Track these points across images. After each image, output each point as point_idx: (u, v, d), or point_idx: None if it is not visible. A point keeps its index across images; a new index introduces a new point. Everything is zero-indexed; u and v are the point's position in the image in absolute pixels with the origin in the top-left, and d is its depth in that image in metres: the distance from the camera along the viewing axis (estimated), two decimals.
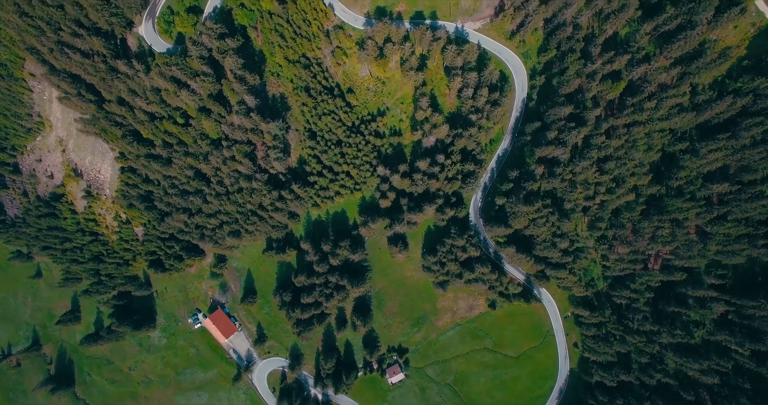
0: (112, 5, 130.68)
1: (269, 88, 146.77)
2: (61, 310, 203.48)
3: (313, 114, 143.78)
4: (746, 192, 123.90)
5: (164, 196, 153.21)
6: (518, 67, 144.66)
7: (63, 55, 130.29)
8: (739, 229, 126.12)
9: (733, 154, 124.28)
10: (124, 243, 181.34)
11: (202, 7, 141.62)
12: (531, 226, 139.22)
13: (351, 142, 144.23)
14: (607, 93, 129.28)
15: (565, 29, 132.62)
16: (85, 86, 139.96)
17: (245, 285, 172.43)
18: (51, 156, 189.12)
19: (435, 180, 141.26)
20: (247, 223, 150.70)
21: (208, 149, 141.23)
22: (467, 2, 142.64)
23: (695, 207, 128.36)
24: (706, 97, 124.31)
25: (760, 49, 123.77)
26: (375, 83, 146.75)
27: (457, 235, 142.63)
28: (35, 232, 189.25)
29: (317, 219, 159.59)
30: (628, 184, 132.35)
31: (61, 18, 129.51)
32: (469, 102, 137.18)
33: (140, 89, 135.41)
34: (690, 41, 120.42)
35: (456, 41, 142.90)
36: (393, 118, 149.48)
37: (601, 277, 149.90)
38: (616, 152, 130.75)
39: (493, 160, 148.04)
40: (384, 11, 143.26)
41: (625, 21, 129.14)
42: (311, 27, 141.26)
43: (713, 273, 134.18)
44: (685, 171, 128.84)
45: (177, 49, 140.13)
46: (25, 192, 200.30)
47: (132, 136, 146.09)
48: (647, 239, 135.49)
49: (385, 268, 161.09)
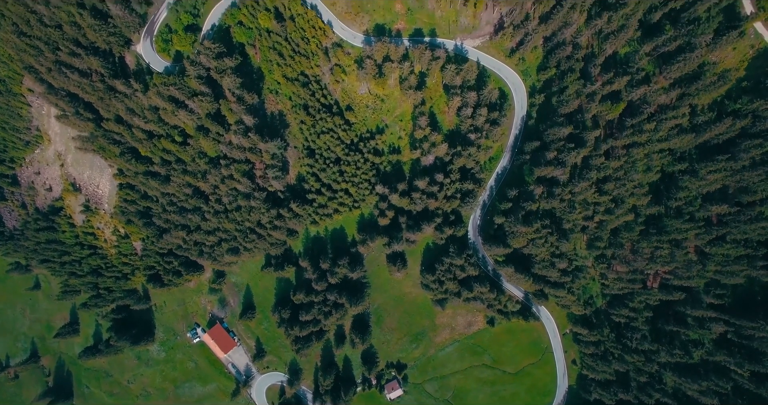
0: (110, 25, 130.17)
1: (268, 106, 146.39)
2: (59, 322, 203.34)
3: (312, 132, 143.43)
4: (745, 214, 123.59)
5: (163, 213, 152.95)
6: (518, 85, 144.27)
7: (61, 74, 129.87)
8: (738, 250, 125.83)
9: (733, 176, 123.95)
10: (123, 257, 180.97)
11: (200, 25, 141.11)
12: (530, 246, 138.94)
13: (350, 160, 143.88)
14: (606, 113, 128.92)
15: (565, 48, 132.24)
16: (83, 105, 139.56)
17: (244, 300, 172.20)
18: (49, 169, 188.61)
19: (434, 199, 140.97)
20: (245, 241, 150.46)
21: (207, 168, 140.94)
22: (466, 20, 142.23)
23: (694, 228, 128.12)
24: (706, 118, 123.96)
25: (759, 70, 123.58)
26: (374, 100, 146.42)
27: (456, 254, 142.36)
28: (33, 245, 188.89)
29: (316, 235, 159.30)
30: (627, 205, 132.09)
31: (59, 38, 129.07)
32: (468, 121, 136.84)
33: (138, 108, 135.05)
34: (689, 63, 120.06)
35: (455, 59, 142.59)
36: (392, 135, 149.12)
37: (600, 295, 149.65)
38: (615, 173, 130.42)
39: (492, 177, 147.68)
40: (383, 29, 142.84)
41: (624, 41, 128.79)
42: (310, 45, 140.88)
43: (712, 292, 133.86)
44: (685, 192, 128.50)
45: (175, 68, 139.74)
46: (24, 204, 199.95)
47: (130, 153, 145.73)
48: (646, 259, 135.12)
49: (384, 284, 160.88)
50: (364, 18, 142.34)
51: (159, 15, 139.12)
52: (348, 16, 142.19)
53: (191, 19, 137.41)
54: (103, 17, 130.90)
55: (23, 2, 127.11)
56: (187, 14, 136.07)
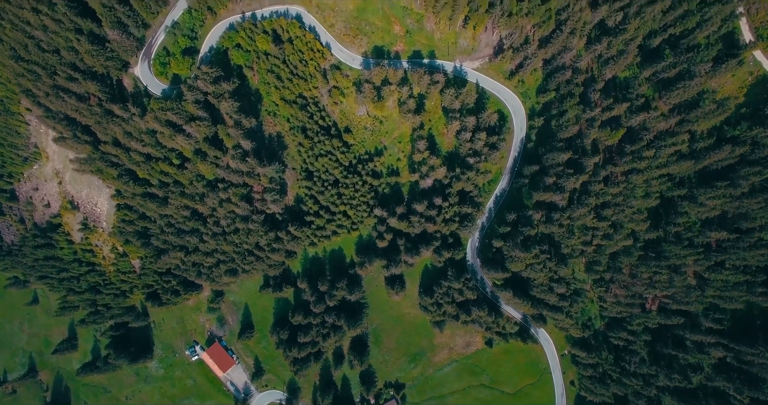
0: (107, 49, 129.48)
1: (266, 128, 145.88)
2: (57, 337, 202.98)
3: (310, 154, 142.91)
4: (744, 240, 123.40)
5: (161, 234, 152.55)
6: (517, 107, 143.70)
7: (58, 98, 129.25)
8: (738, 276, 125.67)
9: (732, 202, 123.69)
10: (121, 275, 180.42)
11: (198, 47, 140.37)
12: (528, 270, 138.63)
13: (348, 183, 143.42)
14: (606, 139, 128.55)
15: (564, 72, 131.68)
16: (81, 128, 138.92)
17: (243, 319, 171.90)
18: (47, 185, 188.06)
19: (432, 223, 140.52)
20: (243, 263, 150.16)
21: (204, 191, 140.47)
22: (466, 41, 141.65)
23: (693, 254, 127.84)
24: (705, 144, 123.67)
25: (758, 97, 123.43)
26: (372, 122, 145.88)
27: (454, 278, 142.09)
28: (31, 261, 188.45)
29: (314, 256, 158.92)
30: (626, 230, 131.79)
31: (56, 62, 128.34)
32: (467, 145, 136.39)
33: (135, 131, 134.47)
34: (689, 90, 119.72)
35: (454, 81, 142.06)
36: (390, 157, 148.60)
37: (599, 317, 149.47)
38: (614, 199, 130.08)
39: (491, 200, 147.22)
40: (381, 51, 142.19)
41: (624, 66, 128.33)
42: (308, 67, 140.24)
43: (711, 317, 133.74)
44: (684, 217, 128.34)
45: (173, 91, 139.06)
46: (22, 219, 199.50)
47: (128, 175, 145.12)
48: (645, 284, 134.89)
49: (382, 304, 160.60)
50: (363, 40, 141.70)
51: (156, 38, 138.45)
52: (346, 38, 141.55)
53: (189, 42, 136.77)
54: (100, 42, 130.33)
55: (21, 28, 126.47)
56: (184, 38, 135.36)
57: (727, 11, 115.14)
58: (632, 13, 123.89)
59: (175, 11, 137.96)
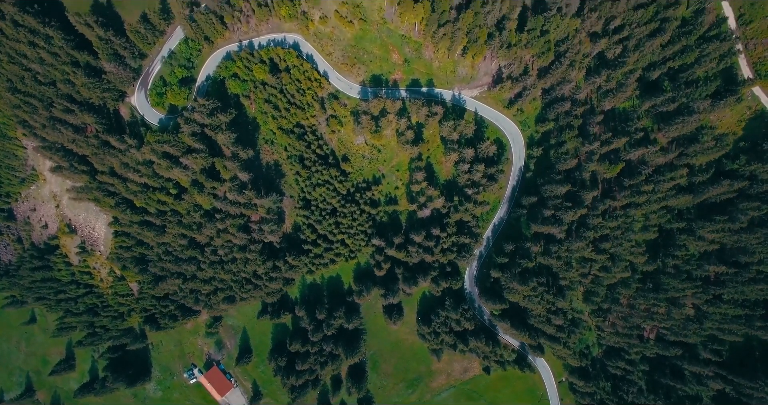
0: (104, 81, 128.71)
1: (263, 156, 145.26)
2: (55, 357, 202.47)
3: (308, 184, 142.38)
4: (743, 275, 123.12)
5: (158, 262, 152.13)
6: (516, 135, 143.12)
7: (55, 130, 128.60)
8: (736, 310, 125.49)
9: (731, 236, 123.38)
10: (119, 297, 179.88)
11: (194, 76, 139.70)
12: (526, 301, 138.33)
13: (346, 212, 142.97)
14: (604, 172, 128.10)
15: (564, 104, 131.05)
16: (78, 158, 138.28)
17: (241, 343, 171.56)
18: (45, 206, 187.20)
19: (430, 254, 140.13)
20: (241, 291, 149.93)
21: (202, 221, 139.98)
22: (464, 70, 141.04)
23: (691, 287, 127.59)
24: (704, 178, 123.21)
25: (756, 131, 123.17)
26: (370, 151, 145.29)
27: (452, 308, 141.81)
28: (29, 283, 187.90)
29: (312, 282, 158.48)
30: (624, 263, 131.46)
31: (53, 94, 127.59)
32: (465, 175, 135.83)
33: (132, 162, 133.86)
34: (688, 125, 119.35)
35: (453, 109, 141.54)
36: (388, 185, 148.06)
37: (596, 344, 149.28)
38: (612, 232, 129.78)
39: (489, 228, 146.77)
40: (379, 79, 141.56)
41: (623, 99, 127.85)
42: (305, 96, 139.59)
43: (709, 348, 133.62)
44: (682, 250, 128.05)
45: (170, 120, 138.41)
46: (20, 238, 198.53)
47: (125, 204, 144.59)
48: (643, 316, 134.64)
49: (380, 331, 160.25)
50: (361, 68, 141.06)
51: (153, 67, 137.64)
52: (344, 67, 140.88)
53: (185, 72, 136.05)
54: (96, 74, 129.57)
55: (18, 61, 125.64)
56: (181, 68, 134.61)
57: (725, 48, 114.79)
58: (631, 46, 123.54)
59: (171, 40, 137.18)
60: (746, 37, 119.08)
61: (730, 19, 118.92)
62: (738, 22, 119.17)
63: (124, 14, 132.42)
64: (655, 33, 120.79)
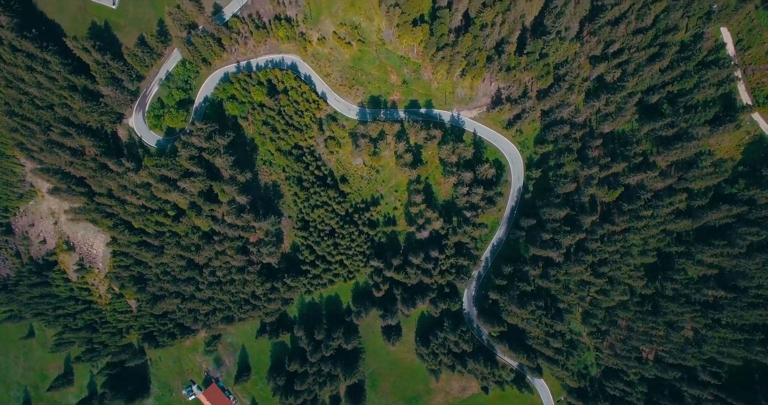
0: (101, 105, 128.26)
1: (261, 177, 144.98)
2: (53, 371, 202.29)
3: (306, 205, 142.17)
4: (742, 300, 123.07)
5: (157, 282, 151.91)
6: (515, 156, 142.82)
7: (52, 154, 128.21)
8: (735, 334, 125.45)
9: (730, 260, 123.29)
10: (118, 314, 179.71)
11: (192, 98, 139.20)
12: (524, 323, 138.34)
13: (344, 233, 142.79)
14: (603, 196, 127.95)
15: (563, 127, 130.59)
16: (75, 180, 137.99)
17: (239, 360, 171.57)
18: (43, 222, 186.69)
19: (428, 276, 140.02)
20: (240, 311, 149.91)
21: (200, 243, 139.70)
22: (463, 91, 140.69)
23: (690, 311, 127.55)
24: (703, 202, 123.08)
25: (755, 155, 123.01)
26: (369, 171, 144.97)
27: (450, 329, 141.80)
28: (27, 299, 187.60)
29: (311, 301, 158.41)
30: (623, 287, 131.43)
31: (50, 118, 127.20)
32: (464, 198, 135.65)
33: (130, 185, 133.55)
34: (686, 151, 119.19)
35: (451, 130, 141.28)
36: (387, 205, 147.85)
37: (595, 364, 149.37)
38: (611, 256, 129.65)
39: (488, 249, 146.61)
40: (378, 101, 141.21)
41: (622, 123, 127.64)
42: (303, 118, 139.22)
43: (708, 370, 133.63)
44: (681, 274, 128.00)
45: (167, 142, 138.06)
46: (18, 253, 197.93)
47: (123, 225, 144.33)
48: (641, 339, 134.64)
49: (379, 349, 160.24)
50: (359, 90, 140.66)
51: (151, 89, 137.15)
52: (342, 88, 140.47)
53: (183, 95, 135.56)
54: (94, 97, 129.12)
55: (15, 85, 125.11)
56: (178, 90, 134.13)
57: (724, 75, 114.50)
58: (630, 70, 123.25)
59: (169, 62, 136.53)
60: (744, 63, 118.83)
61: (728, 44, 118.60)
62: (736, 48, 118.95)
63: (121, 37, 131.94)
64: (654, 58, 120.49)
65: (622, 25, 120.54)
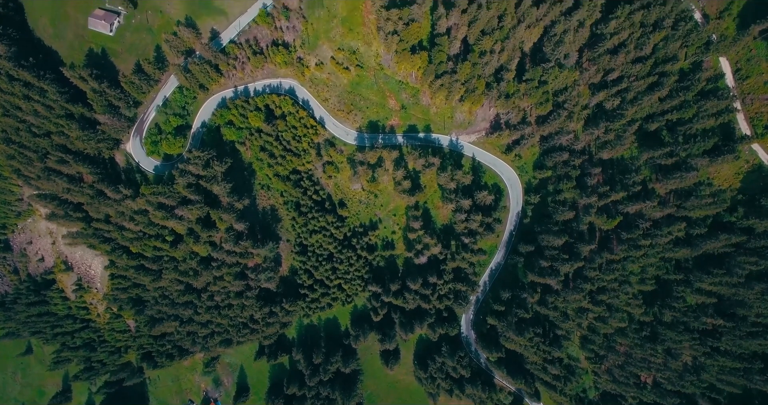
0: (98, 132, 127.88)
1: (259, 201, 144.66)
2: (51, 388, 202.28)
3: (304, 230, 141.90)
4: (741, 329, 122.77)
5: (155, 305, 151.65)
6: (513, 180, 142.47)
7: (49, 181, 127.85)
8: (734, 363, 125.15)
9: (729, 288, 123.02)
10: (116, 333, 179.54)
11: (189, 123, 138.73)
12: (522, 348, 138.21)
13: (342, 258, 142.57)
14: (602, 225, 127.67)
15: (562, 154, 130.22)
16: (73, 206, 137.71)
17: (238, 380, 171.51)
18: (41, 240, 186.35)
19: (426, 302, 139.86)
20: (238, 335, 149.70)
21: (198, 268, 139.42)
22: (462, 115, 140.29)
23: (689, 339, 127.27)
24: (701, 231, 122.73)
25: (754, 184, 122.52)
26: (367, 196, 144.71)
27: (448, 354, 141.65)
28: (24, 317, 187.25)
29: (309, 323, 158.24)
30: (621, 314, 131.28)
31: (47, 145, 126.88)
32: (462, 224, 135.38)
33: (128, 211, 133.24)
34: (686, 181, 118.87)
35: (450, 154, 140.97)
36: (385, 229, 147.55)
37: (593, 387, 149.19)
38: (609, 284, 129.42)
39: (486, 273, 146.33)
40: (376, 125, 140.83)
41: (621, 151, 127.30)
42: (301, 143, 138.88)
43: (707, 396, 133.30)
44: (680, 302, 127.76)
45: (165, 168, 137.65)
46: (16, 269, 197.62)
47: (121, 249, 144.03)
48: (640, 366, 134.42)
49: (377, 371, 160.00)
50: (357, 115, 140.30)
51: (148, 114, 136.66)
52: (340, 113, 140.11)
53: (180, 121, 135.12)
54: (91, 124, 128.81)
55: (13, 114, 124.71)
56: (176, 117, 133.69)
57: (723, 106, 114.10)
58: (630, 98, 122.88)
59: (166, 87, 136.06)
60: (743, 92, 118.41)
61: (727, 74, 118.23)
62: (735, 77, 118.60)
63: (118, 63, 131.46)
64: (653, 87, 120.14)
65: (622, 53, 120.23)
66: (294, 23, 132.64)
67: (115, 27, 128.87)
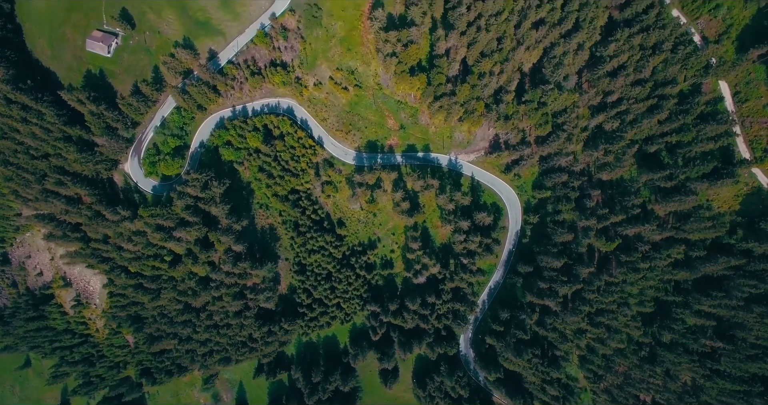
0: (96, 154, 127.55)
1: (258, 220, 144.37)
2: (50, 402, 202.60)
3: (303, 250, 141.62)
4: (740, 352, 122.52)
5: (153, 323, 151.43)
6: (512, 200, 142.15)
7: (48, 202, 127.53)
8: (734, 385, 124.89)
9: (728, 311, 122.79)
10: (115, 349, 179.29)
11: (188, 143, 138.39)
12: (521, 368, 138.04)
13: (341, 277, 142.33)
14: (601, 247, 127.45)
15: (561, 175, 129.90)
16: (71, 227, 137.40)
17: (237, 396, 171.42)
18: (40, 255, 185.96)
19: (425, 322, 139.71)
20: (237, 354, 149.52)
21: (197, 288, 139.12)
22: (461, 135, 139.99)
23: (688, 361, 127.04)
24: (700, 254, 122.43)
25: (753, 207, 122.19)
26: (366, 215, 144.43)
27: (447, 374, 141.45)
28: (23, 332, 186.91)
29: (308, 341, 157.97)
30: (620, 335, 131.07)
31: (45, 167, 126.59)
32: (461, 245, 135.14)
33: (126, 232, 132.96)
34: (685, 204, 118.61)
35: (449, 174, 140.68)
36: (384, 248, 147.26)
37: None
38: (608, 306, 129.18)
39: (485, 291, 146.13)
40: (375, 145, 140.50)
41: (620, 173, 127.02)
42: (300, 163, 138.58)
43: None
44: (679, 324, 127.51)
45: (163, 188, 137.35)
46: (14, 283, 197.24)
47: (119, 269, 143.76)
48: (638, 387, 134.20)
49: (376, 388, 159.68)
50: (356, 135, 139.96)
51: (146, 134, 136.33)
52: (339, 133, 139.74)
53: (178, 142, 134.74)
54: (89, 146, 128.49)
55: (11, 136, 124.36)
56: (174, 138, 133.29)
57: (722, 130, 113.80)
58: (629, 120, 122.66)
59: (164, 108, 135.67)
60: (742, 115, 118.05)
61: (726, 97, 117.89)
62: (734, 100, 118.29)
63: (116, 84, 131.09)
64: (652, 109, 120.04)
65: (621, 76, 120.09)
66: (292, 43, 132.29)
67: (113, 48, 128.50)
